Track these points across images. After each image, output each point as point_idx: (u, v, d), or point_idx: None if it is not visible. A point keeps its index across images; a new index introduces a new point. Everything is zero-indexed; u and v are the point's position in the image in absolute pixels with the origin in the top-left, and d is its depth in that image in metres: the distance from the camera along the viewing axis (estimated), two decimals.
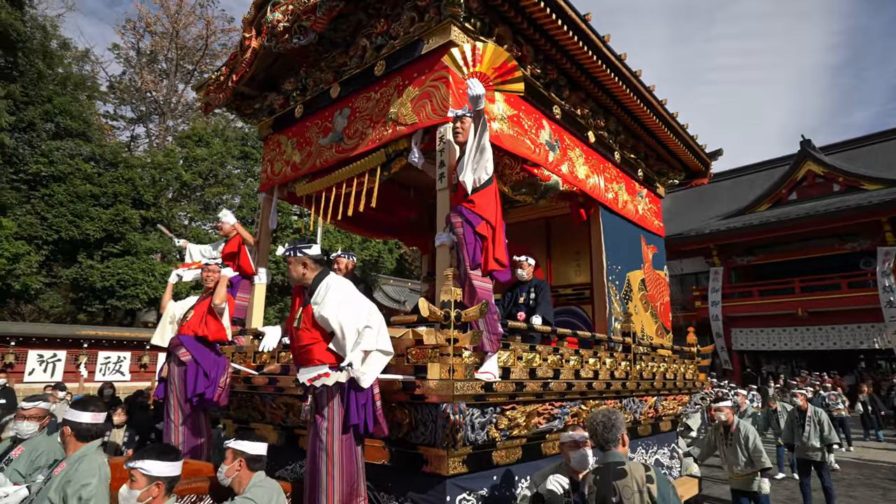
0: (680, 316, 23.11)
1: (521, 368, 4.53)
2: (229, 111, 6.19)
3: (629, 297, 6.65)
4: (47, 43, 21.98)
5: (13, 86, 20.95)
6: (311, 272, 3.78)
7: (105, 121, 26.47)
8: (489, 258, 4.19)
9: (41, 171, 21.26)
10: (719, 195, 28.34)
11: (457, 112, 4.31)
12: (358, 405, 3.67)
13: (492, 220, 4.23)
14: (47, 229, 21.15)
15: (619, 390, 5.57)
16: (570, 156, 5.92)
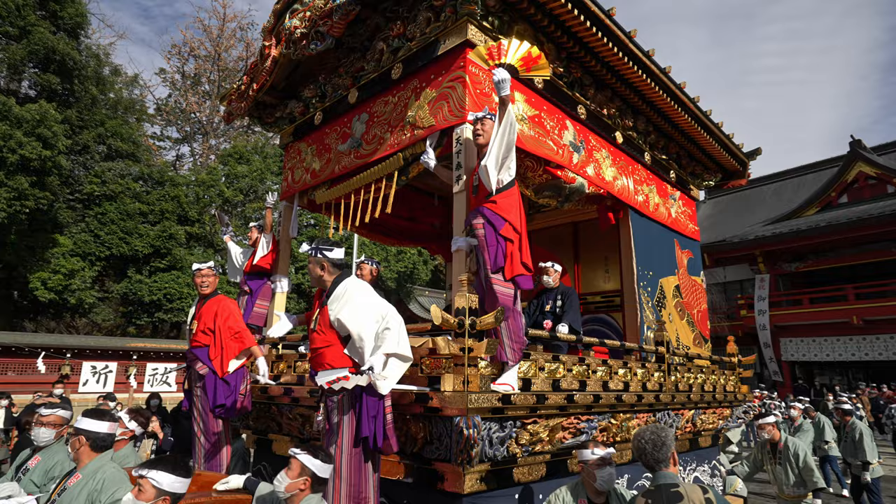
0: (724, 325, 22.16)
1: (544, 380, 4.26)
2: (251, 120, 6.16)
3: (662, 304, 6.27)
4: (100, 70, 22.90)
5: (70, 111, 21.88)
6: (329, 275, 3.63)
7: (152, 141, 27.41)
8: (514, 263, 3.95)
9: (94, 190, 22.06)
10: (763, 200, 27.22)
11: (477, 115, 4.11)
12: (368, 417, 3.48)
13: (515, 222, 4.01)
14: (100, 246, 21.90)
15: (651, 403, 5.22)
16: (597, 157, 5.64)
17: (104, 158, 21.88)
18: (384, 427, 3.56)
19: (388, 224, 6.57)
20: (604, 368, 4.88)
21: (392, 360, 3.38)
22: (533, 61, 3.97)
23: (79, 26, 21.71)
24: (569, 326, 5.36)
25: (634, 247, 5.90)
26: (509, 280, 3.91)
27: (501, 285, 3.89)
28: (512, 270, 3.91)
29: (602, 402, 4.57)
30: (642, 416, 5.23)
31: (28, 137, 19.93)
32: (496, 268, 3.89)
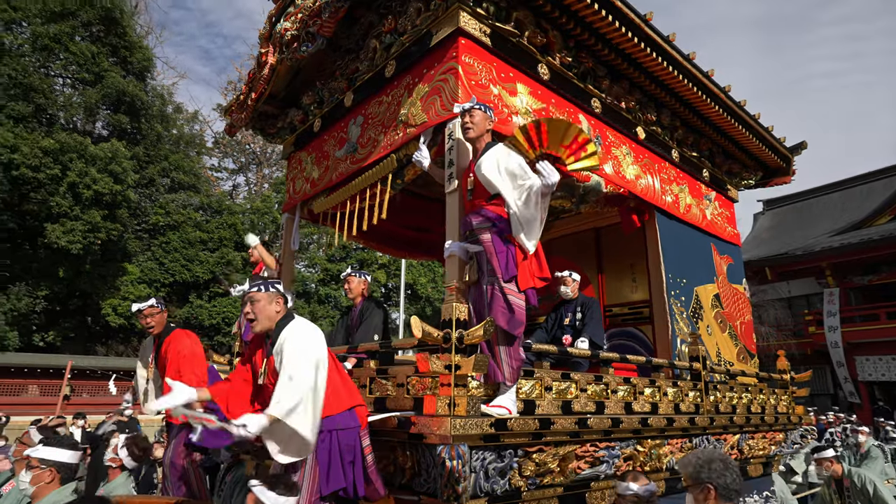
0: (792, 343, 20.30)
1: (551, 401, 3.57)
2: (254, 132, 5.80)
3: (699, 315, 5.44)
4: (164, 108, 23.73)
5: (137, 148, 22.71)
6: (281, 314, 3.00)
7: (211, 173, 28.18)
8: (527, 272, 3.31)
9: (159, 221, 22.68)
10: (828, 209, 24.96)
11: (464, 106, 3.53)
12: (344, 464, 2.89)
13: None
14: (164, 273, 22.42)
15: (686, 427, 4.40)
16: (615, 154, 4.94)
17: (168, 190, 22.58)
18: (364, 471, 2.97)
19: (396, 235, 6.04)
20: (626, 388, 4.13)
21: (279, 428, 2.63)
22: (581, 147, 3.34)
23: (146, 69, 22.62)
24: (588, 341, 4.64)
25: (663, 252, 5.13)
26: (522, 292, 3.27)
27: (515, 296, 3.23)
28: (527, 281, 3.28)
29: (624, 427, 3.82)
30: (675, 443, 4.42)
31: (101, 174, 20.71)
32: (508, 276, 3.26)
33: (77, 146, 20.50)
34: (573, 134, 3.29)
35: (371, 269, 23.95)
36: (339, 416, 2.95)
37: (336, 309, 25.13)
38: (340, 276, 5.19)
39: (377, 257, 24.92)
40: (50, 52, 21.05)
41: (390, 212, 4.26)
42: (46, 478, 3.19)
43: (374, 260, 24.80)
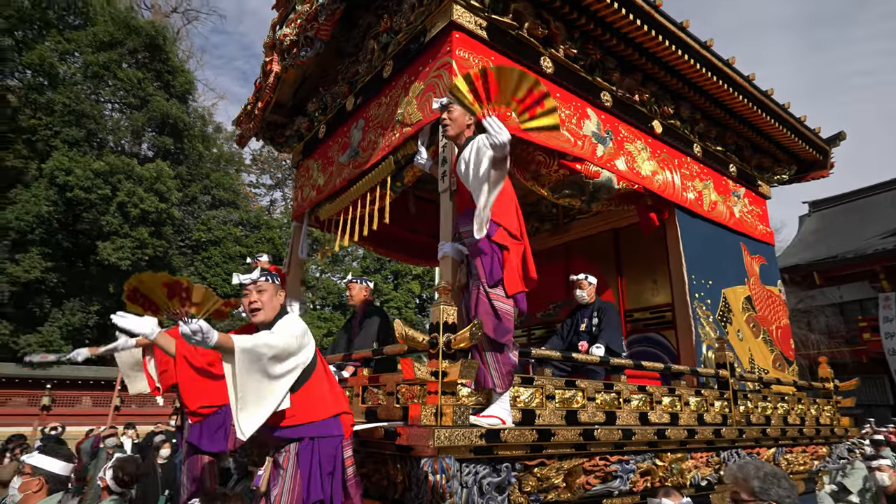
0: (845, 351, 19.03)
1: (553, 411, 3.31)
2: (263, 142, 5.76)
3: (727, 319, 5.04)
4: (205, 129, 24.49)
5: (180, 167, 23.45)
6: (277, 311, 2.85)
7: (249, 189, 28.86)
8: (514, 276, 3.07)
9: (201, 237, 23.30)
10: (878, 210, 23.44)
11: (441, 101, 3.31)
12: (323, 475, 2.70)
13: (510, 226, 3.14)
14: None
15: (710, 440, 4.04)
16: (629, 149, 4.65)
17: (209, 207, 23.23)
18: (343, 484, 2.78)
19: (405, 241, 5.85)
20: (640, 397, 3.82)
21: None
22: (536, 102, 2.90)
23: (187, 92, 23.41)
24: (605, 347, 4.34)
25: (685, 252, 4.78)
26: (510, 296, 3.02)
27: (502, 301, 3.00)
28: (514, 285, 3.03)
29: (637, 439, 3.52)
30: (700, 456, 4.06)
31: (148, 193, 21.47)
32: (493, 281, 3.03)
33: (125, 167, 21.30)
34: (527, 86, 2.86)
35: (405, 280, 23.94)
36: (321, 422, 2.76)
37: None
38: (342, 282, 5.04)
39: (410, 268, 24.88)
40: (100, 79, 22.02)
41: (402, 217, 4.12)
42: (35, 486, 3.12)
43: (407, 271, 24.79)
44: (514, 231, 3.17)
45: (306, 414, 2.69)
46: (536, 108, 2.91)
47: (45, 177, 20.49)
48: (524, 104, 2.91)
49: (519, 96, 2.90)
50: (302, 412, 2.68)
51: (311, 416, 2.70)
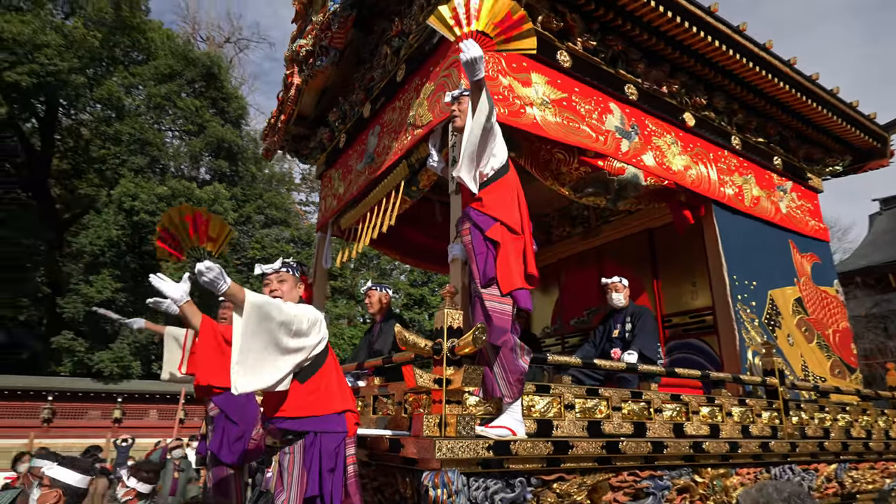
0: None
1: (573, 421, 3.06)
2: (289, 155, 5.78)
3: (775, 322, 4.62)
4: (257, 151, 25.30)
5: (235, 189, 24.33)
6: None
7: (300, 207, 29.60)
8: (510, 272, 2.86)
9: (256, 255, 24.00)
10: None
11: (452, 93, 3.19)
12: (323, 471, 2.59)
13: (508, 220, 2.94)
14: None
15: (758, 454, 3.66)
16: (658, 143, 4.36)
17: (262, 226, 23.96)
18: (344, 482, 2.66)
19: (426, 249, 5.68)
20: (675, 406, 3.50)
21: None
22: (514, 27, 2.83)
23: (240, 117, 24.37)
24: (637, 353, 4.04)
25: (724, 251, 4.42)
26: (507, 295, 2.82)
27: (496, 301, 2.80)
28: (510, 282, 2.81)
29: (670, 452, 3.21)
30: (747, 472, 3.68)
31: None
32: (486, 280, 2.84)
33: (185, 191, 22.26)
34: (506, 10, 2.75)
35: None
36: (326, 417, 2.66)
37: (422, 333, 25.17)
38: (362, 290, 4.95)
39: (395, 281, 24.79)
40: (161, 109, 23.21)
41: (430, 225, 4.00)
42: (52, 498, 3.12)
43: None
44: (514, 225, 2.96)
45: (312, 407, 2.61)
46: (513, 31, 2.76)
47: (114, 203, 21.66)
48: (501, 26, 2.75)
49: (497, 20, 2.75)
50: (307, 404, 2.61)
51: (316, 409, 2.61)
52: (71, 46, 21.06)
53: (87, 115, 23.14)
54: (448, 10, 2.81)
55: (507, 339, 2.80)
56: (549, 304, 6.23)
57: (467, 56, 2.68)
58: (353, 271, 25.86)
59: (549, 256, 6.27)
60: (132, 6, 22.92)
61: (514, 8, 2.79)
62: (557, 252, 6.16)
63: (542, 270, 6.45)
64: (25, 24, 20.06)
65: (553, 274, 6.25)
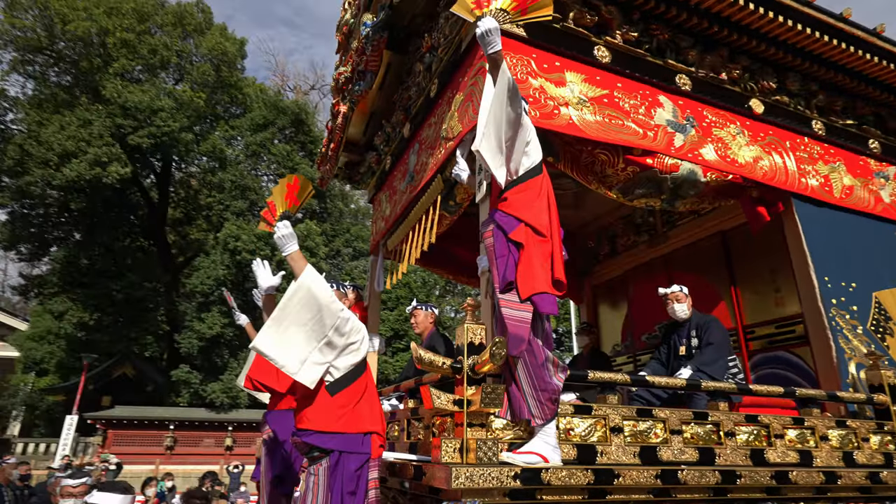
0: None
1: (621, 446, 2.69)
2: (343, 181, 5.83)
3: (885, 329, 3.91)
4: (343, 187, 26.42)
5: (325, 224, 25.46)
6: None
7: None
8: (532, 275, 2.58)
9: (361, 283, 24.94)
10: None
11: None
12: (344, 493, 2.46)
13: (535, 222, 2.69)
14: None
15: (865, 487, 3.04)
16: (719, 135, 3.90)
17: (351, 258, 24.84)
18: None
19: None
20: (752, 429, 3.01)
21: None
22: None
23: None
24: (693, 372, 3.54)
25: (809, 250, 3.82)
26: (526, 300, 2.53)
27: (512, 307, 2.53)
28: (531, 286, 2.53)
29: (745, 483, 2.74)
30: None
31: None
32: (504, 284, 2.59)
33: None
34: None
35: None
36: (350, 436, 2.54)
37: None
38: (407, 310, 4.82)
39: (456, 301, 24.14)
40: (257, 156, 24.95)
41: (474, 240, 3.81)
42: None
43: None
44: (540, 228, 2.70)
45: (339, 423, 2.51)
46: (530, 2, 2.58)
47: (220, 244, 23.37)
48: (520, 2, 2.63)
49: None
50: (335, 420, 2.51)
51: (343, 426, 2.51)
52: (181, 108, 23.29)
53: (195, 167, 25.35)
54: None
55: (522, 349, 2.52)
56: (618, 319, 5.75)
57: (481, 28, 2.61)
58: (439, 297, 26.00)
59: (614, 268, 5.81)
60: (230, 67, 25.06)
61: None
62: (623, 263, 5.69)
63: (609, 283, 6.02)
64: (144, 93, 22.49)
65: (620, 287, 5.78)
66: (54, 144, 21.24)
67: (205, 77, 24.23)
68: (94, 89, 23.11)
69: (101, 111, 22.29)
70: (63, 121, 21.87)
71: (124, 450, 20.87)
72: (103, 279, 23.48)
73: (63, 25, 22.34)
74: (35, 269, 25.83)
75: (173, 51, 24.06)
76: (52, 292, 23.62)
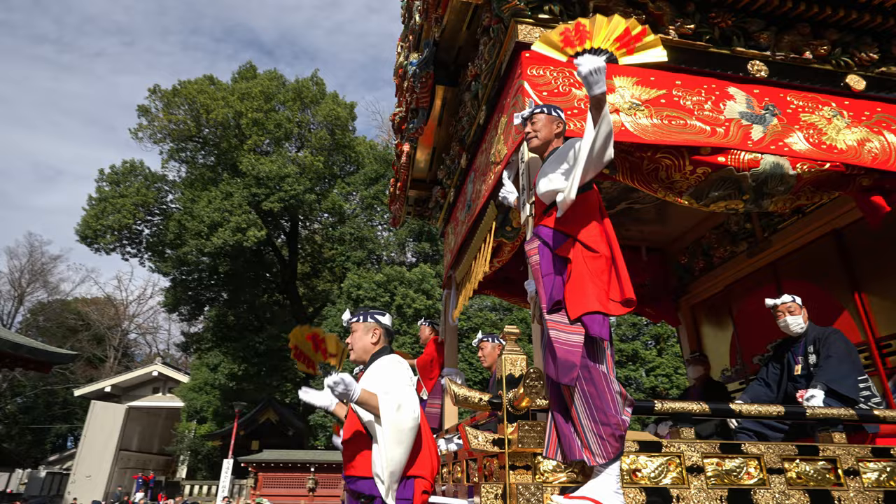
0: None
1: (702, 490, 2.26)
2: (415, 218, 5.82)
3: None
4: None
5: (438, 266, 26.00)
6: (378, 346, 2.68)
7: None
8: (584, 294, 2.29)
9: (462, 325, 24.95)
10: None
11: (522, 114, 2.83)
12: None
13: (585, 237, 2.42)
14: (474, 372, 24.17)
15: None
16: (810, 120, 3.33)
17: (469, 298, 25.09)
18: None
19: None
20: (882, 465, 2.39)
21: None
22: (635, 38, 2.65)
23: None
24: (824, 391, 2.95)
25: None
26: (576, 321, 2.24)
27: (561, 329, 2.23)
28: (582, 304, 2.24)
29: None
30: None
31: (416, 293, 24.19)
32: (552, 304, 2.32)
33: (398, 275, 24.48)
34: (621, 27, 2.57)
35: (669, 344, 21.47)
36: None
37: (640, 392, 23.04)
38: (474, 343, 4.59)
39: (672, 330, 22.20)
40: (372, 208, 26.34)
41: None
42: None
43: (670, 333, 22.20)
44: (592, 243, 2.40)
45: None
46: (633, 43, 2.42)
47: (344, 294, 24.70)
48: (622, 41, 2.44)
49: (616, 35, 2.44)
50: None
51: None
52: (303, 172, 25.43)
53: (318, 224, 27.32)
54: (556, 35, 2.72)
55: (573, 376, 2.20)
56: (724, 341, 5.03)
57: (585, 69, 2.29)
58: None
59: (713, 284, 5.12)
60: (343, 129, 27.03)
61: (633, 24, 2.63)
62: (723, 277, 4.99)
63: (709, 302, 5.34)
64: (273, 163, 24.90)
65: (723, 304, 5.07)
66: (204, 217, 24.04)
67: (322, 142, 26.33)
68: (232, 165, 26.01)
69: (239, 183, 24.95)
70: (210, 196, 24.78)
71: (272, 491, 22.22)
72: (248, 333, 25.76)
73: (207, 114, 25.58)
74: (193, 328, 28.99)
75: (294, 122, 26.51)
76: (208, 347, 26.29)
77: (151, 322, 37.31)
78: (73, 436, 32.70)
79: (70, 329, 32.65)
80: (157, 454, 28.60)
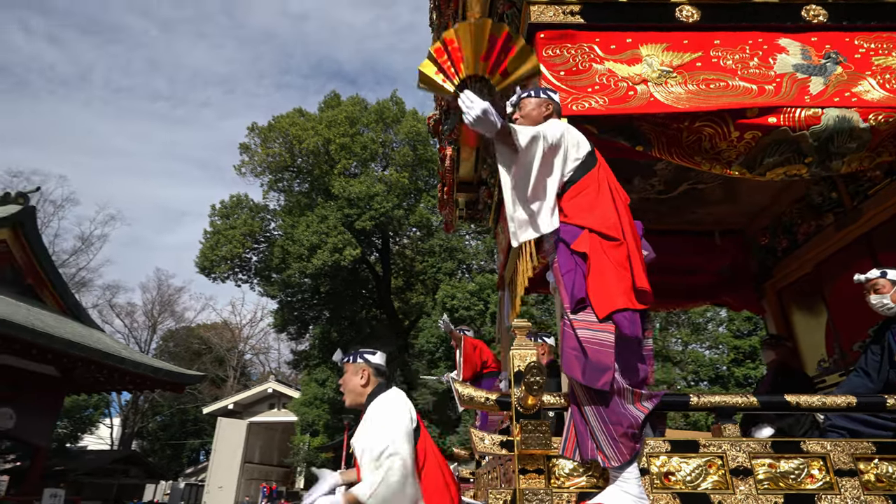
0: None
1: (751, 495, 1.97)
2: (467, 222, 5.71)
3: None
4: None
5: None
6: (370, 387, 2.62)
7: None
8: (608, 289, 2.13)
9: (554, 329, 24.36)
10: None
11: (511, 101, 2.73)
12: None
13: (599, 225, 2.26)
14: None
15: None
16: (880, 64, 2.86)
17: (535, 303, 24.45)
18: None
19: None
20: None
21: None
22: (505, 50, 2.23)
23: None
24: None
25: None
26: (606, 319, 2.07)
27: (591, 328, 2.08)
28: (610, 301, 2.08)
29: None
30: None
31: None
32: (576, 303, 2.15)
33: (489, 283, 24.42)
34: (486, 37, 2.12)
35: None
36: None
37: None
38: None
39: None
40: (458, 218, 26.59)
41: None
42: None
43: None
44: (608, 230, 2.23)
45: None
46: (507, 58, 2.12)
47: (438, 305, 25.04)
48: (491, 60, 2.14)
49: (483, 52, 2.16)
50: None
51: None
52: (391, 190, 26.25)
53: (407, 238, 28.00)
54: (431, 66, 2.22)
55: (606, 379, 2.02)
56: (818, 329, 4.36)
57: (472, 115, 2.10)
58: (662, 331, 23.62)
59: (800, 264, 4.47)
60: (424, 144, 27.61)
61: (496, 27, 2.19)
62: (810, 256, 4.34)
63: (798, 284, 4.72)
64: (361, 183, 25.98)
65: (813, 287, 4.40)
66: (303, 241, 25.52)
67: (405, 158, 27.05)
68: (325, 190, 27.41)
69: (332, 206, 26.23)
70: (307, 220, 26.27)
71: None
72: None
73: (299, 145, 27.26)
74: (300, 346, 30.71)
75: (378, 143, 27.51)
76: (315, 363, 27.70)
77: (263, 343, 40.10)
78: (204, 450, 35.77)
79: (195, 353, 35.93)
80: (277, 465, 30.51)
